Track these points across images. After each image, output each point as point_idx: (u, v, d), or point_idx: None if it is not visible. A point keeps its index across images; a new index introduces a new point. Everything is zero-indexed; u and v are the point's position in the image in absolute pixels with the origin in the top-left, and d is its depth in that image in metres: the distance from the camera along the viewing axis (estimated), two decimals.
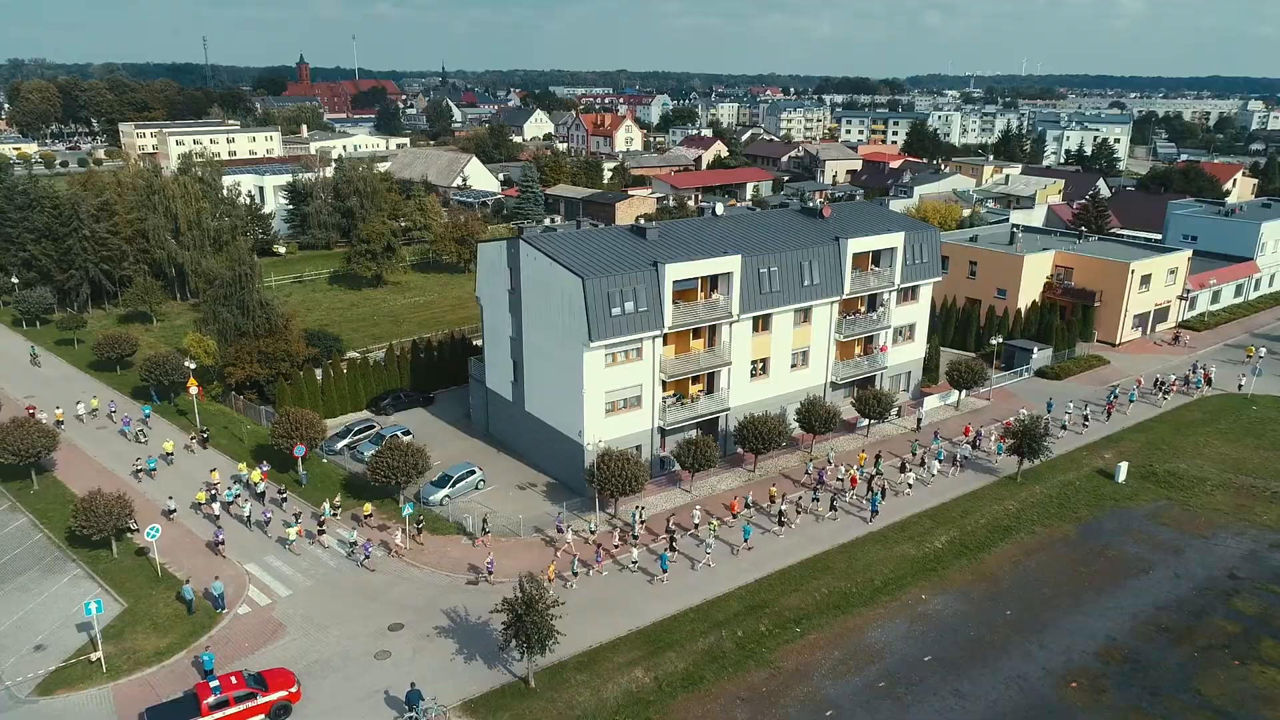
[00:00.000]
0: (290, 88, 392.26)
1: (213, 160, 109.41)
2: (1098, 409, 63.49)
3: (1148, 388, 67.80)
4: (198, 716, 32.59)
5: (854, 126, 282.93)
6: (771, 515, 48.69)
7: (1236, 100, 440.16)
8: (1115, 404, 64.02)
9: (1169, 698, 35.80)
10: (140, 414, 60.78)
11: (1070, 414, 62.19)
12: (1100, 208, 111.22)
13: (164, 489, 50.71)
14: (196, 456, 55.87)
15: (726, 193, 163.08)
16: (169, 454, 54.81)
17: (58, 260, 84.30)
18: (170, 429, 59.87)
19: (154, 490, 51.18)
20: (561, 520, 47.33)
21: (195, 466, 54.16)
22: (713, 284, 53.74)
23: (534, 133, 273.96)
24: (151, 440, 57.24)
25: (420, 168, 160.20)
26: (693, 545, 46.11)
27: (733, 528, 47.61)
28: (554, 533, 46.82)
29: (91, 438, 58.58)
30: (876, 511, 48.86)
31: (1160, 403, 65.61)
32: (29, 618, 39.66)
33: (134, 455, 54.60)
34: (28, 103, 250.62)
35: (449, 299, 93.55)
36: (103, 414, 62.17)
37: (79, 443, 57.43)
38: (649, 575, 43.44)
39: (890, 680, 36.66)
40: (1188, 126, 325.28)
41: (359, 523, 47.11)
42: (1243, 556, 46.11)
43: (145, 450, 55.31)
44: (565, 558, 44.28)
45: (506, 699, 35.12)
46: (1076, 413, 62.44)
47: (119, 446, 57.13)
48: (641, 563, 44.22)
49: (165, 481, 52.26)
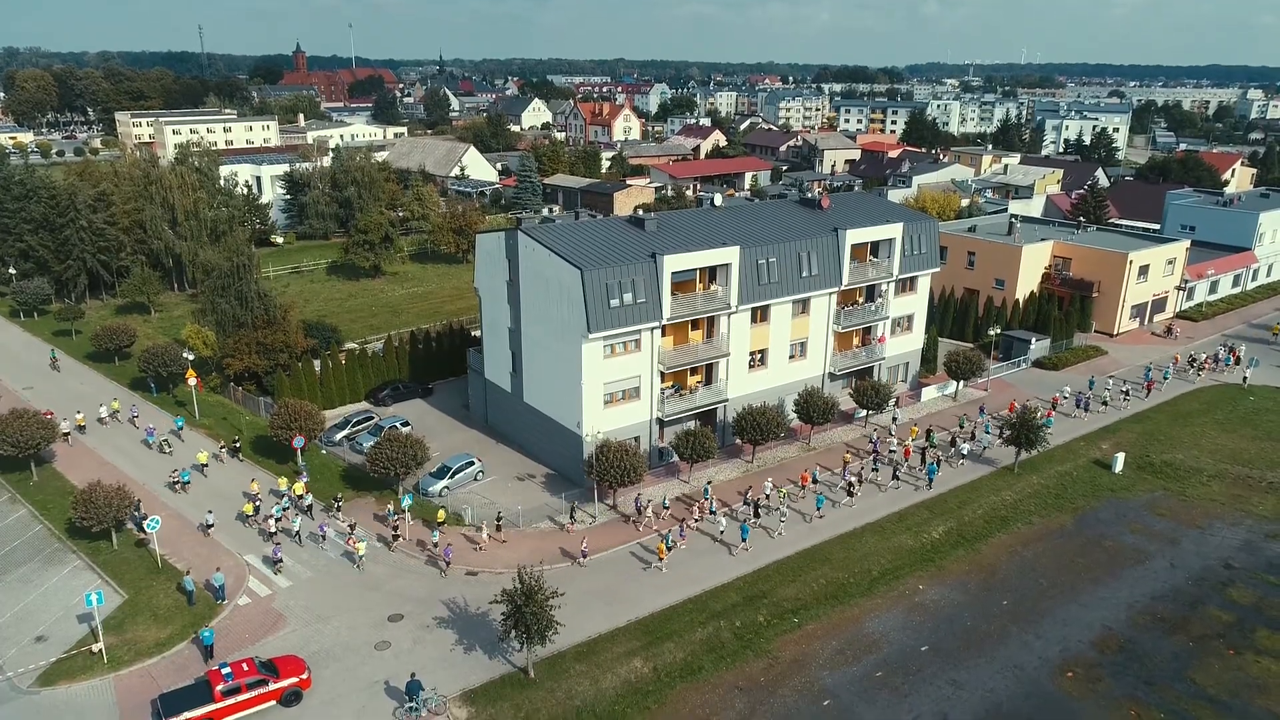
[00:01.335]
0: (287, 77, 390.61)
1: (209, 150, 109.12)
2: (1137, 386, 66.37)
3: (1183, 365, 70.78)
4: (210, 703, 32.81)
5: (853, 116, 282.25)
6: (840, 486, 50.99)
7: (1236, 89, 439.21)
8: (1153, 382, 66.45)
9: (1164, 687, 36.06)
10: (172, 425, 57.62)
11: (1110, 390, 64.40)
12: (1099, 198, 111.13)
13: (200, 502, 48.44)
14: (225, 466, 53.32)
15: (725, 182, 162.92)
16: (203, 465, 52.32)
17: (55, 251, 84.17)
18: (202, 439, 56.48)
19: (188, 504, 48.77)
20: (641, 501, 48.45)
21: (228, 477, 51.88)
22: (711, 275, 53.78)
23: (532, 122, 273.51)
24: (177, 451, 54.69)
25: (418, 157, 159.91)
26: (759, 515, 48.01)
27: (802, 498, 49.75)
28: (633, 513, 48.10)
29: (114, 445, 55.81)
30: (932, 481, 51.36)
31: (1194, 379, 68.58)
32: (30, 609, 39.81)
33: (155, 464, 52.68)
34: (23, 92, 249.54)
35: (447, 290, 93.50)
36: (124, 418, 59.67)
37: (101, 451, 54.94)
38: (729, 546, 45.21)
39: (887, 670, 36.90)
40: (1187, 116, 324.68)
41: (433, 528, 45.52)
42: (1238, 546, 46.35)
43: (171, 461, 52.95)
44: (658, 531, 46.04)
45: (506, 689, 35.33)
46: (1117, 389, 64.93)
47: (145, 458, 54.11)
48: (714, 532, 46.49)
49: (199, 495, 49.64)
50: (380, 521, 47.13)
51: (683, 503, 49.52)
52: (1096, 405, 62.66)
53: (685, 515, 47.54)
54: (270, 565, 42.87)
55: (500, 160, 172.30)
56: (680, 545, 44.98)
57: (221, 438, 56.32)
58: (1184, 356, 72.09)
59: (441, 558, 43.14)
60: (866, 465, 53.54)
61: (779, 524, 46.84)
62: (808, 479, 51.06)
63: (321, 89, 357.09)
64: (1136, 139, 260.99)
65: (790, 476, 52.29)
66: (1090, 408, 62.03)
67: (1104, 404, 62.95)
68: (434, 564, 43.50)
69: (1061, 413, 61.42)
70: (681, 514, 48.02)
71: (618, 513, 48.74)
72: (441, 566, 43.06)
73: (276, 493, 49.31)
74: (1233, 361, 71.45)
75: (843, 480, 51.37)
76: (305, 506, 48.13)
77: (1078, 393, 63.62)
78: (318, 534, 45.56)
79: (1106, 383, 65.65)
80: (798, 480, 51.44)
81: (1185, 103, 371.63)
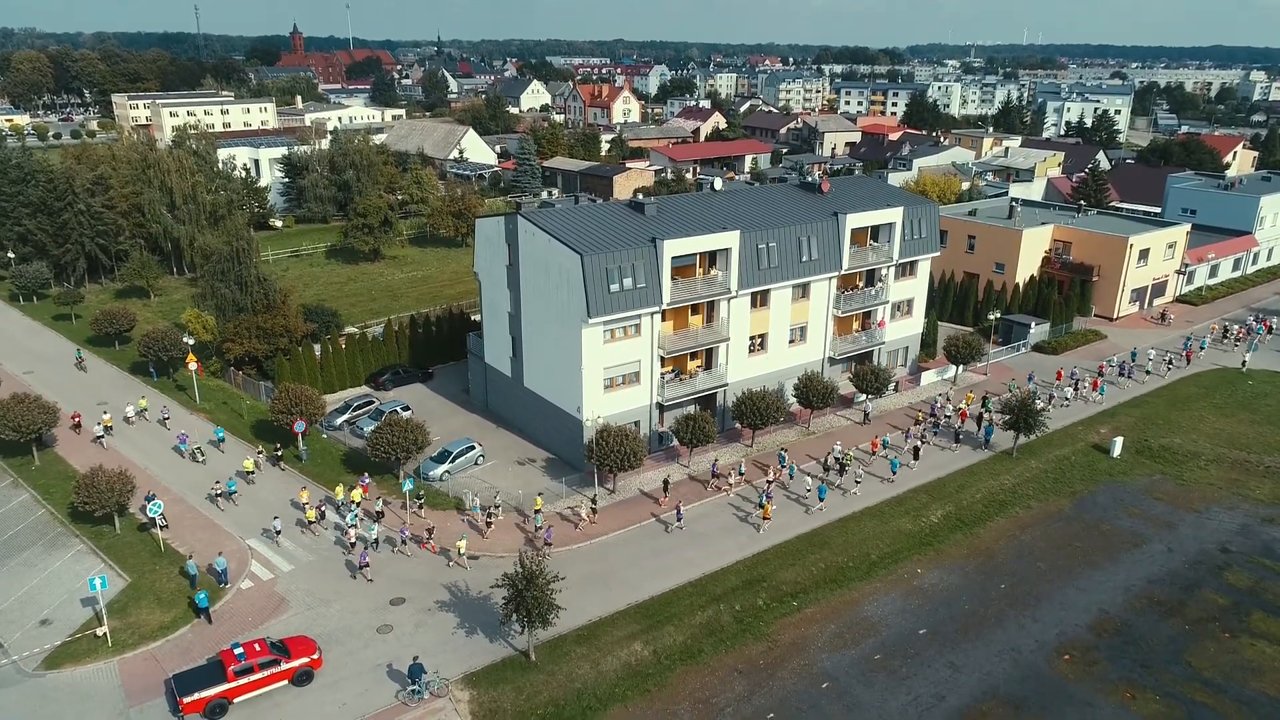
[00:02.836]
0: (284, 58, 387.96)
1: (207, 132, 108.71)
2: (1178, 356, 69.11)
3: (1218, 335, 74.67)
4: (224, 683, 33.14)
5: (853, 98, 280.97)
6: (906, 449, 53.39)
7: (1239, 70, 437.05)
8: (1191, 351, 69.42)
9: (1160, 670, 36.37)
10: (212, 435, 54.45)
11: (1153, 359, 67.99)
12: (1099, 181, 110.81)
13: (248, 514, 46.43)
14: (263, 474, 50.71)
15: (725, 165, 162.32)
16: (249, 473, 49.68)
17: (53, 235, 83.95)
18: (243, 447, 53.62)
19: (236, 516, 46.30)
20: (718, 466, 50.65)
21: (273, 487, 49.59)
22: (711, 260, 53.74)
23: (531, 104, 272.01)
24: (216, 461, 52.07)
25: (416, 140, 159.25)
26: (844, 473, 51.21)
27: (872, 464, 52.30)
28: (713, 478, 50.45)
29: (143, 450, 53.26)
30: (989, 442, 54.76)
31: (1231, 349, 71.96)
32: (34, 593, 40.05)
33: (188, 472, 50.61)
34: (19, 73, 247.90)
35: (446, 273, 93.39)
36: (152, 418, 57.29)
37: (131, 456, 52.04)
38: (805, 506, 47.85)
39: (886, 653, 37.21)
40: (1189, 97, 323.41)
41: (523, 516, 46.28)
42: (1235, 531, 46.60)
43: (205, 470, 50.60)
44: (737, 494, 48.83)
45: (508, 672, 35.63)
46: (1160, 358, 68.27)
47: (178, 465, 51.50)
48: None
49: (244, 506, 47.43)
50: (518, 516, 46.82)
51: (757, 467, 51.92)
52: (1140, 374, 66.10)
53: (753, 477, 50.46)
54: (354, 571, 41.67)
55: (499, 143, 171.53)
56: (771, 507, 46.59)
57: (261, 446, 53.36)
58: (1220, 326, 76.03)
59: (543, 539, 43.61)
60: (928, 429, 56.33)
61: (854, 484, 49.45)
62: (878, 445, 53.82)
63: (319, 70, 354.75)
64: (1138, 121, 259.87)
65: (860, 444, 55.12)
66: (1134, 376, 65.75)
67: (1146, 373, 66.28)
68: (445, 552, 43.68)
69: (1107, 380, 64.21)
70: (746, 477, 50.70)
71: (647, 492, 49.14)
72: (540, 547, 43.29)
73: (332, 500, 47.37)
74: (1264, 331, 75.31)
75: (906, 444, 53.97)
76: (377, 513, 46.06)
77: (1122, 362, 67.10)
78: (395, 538, 43.95)
79: (1149, 352, 68.90)
80: (868, 447, 54.23)
81: (1187, 84, 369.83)
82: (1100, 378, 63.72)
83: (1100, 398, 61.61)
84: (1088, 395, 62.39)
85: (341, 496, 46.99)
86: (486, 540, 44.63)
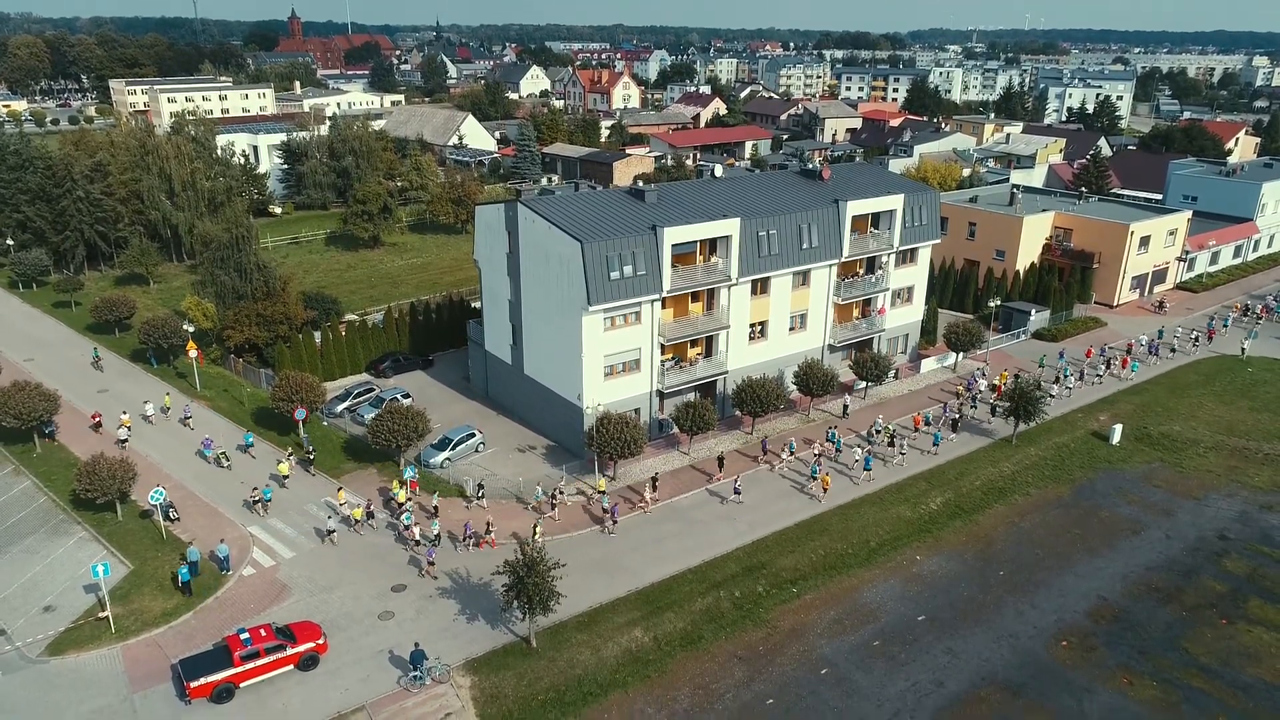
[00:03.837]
0: (282, 43, 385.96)
1: (205, 118, 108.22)
2: (1202, 334, 71.58)
3: (1240, 313, 76.90)
4: (230, 667, 33.40)
5: (854, 84, 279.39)
6: (945, 423, 55.48)
7: (1241, 56, 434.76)
8: (1214, 330, 71.50)
9: (1157, 656, 36.58)
10: (241, 440, 52.21)
11: (1180, 336, 70.15)
12: (1101, 168, 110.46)
13: (285, 517, 45.29)
14: (293, 477, 49.00)
15: (725, 151, 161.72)
16: (285, 477, 48.27)
17: (52, 222, 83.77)
18: (274, 451, 51.78)
19: (271, 522, 44.88)
20: (768, 443, 52.47)
21: (308, 490, 48.08)
22: (711, 247, 53.65)
23: (530, 90, 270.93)
24: (246, 468, 49.81)
25: (415, 126, 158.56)
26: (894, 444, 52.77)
27: (916, 438, 54.21)
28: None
29: (166, 451, 51.59)
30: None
31: (1254, 327, 73.34)
32: (37, 580, 40.21)
33: (215, 477, 48.93)
34: (16, 58, 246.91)
35: (446, 260, 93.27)
36: (174, 417, 55.79)
37: (153, 458, 50.44)
38: (851, 477, 49.60)
39: (884, 639, 37.41)
40: (1191, 83, 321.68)
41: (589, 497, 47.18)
42: (1233, 517, 46.76)
43: (230, 476, 48.91)
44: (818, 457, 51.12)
45: (509, 658, 35.84)
46: (1186, 336, 70.50)
47: (204, 470, 49.63)
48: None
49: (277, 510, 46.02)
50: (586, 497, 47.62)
51: (806, 443, 53.60)
52: (1165, 351, 68.20)
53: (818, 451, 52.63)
54: (421, 568, 41.25)
55: (498, 129, 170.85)
56: (822, 474, 48.48)
57: (291, 447, 51.58)
58: (1242, 305, 78.38)
59: (609, 516, 44.61)
60: (966, 404, 58.43)
61: (899, 455, 51.26)
62: (920, 420, 55.61)
63: (317, 56, 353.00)
64: (1140, 107, 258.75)
65: (902, 421, 56.69)
66: (1160, 354, 67.72)
67: (1172, 350, 68.42)
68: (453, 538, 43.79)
69: (1135, 357, 66.20)
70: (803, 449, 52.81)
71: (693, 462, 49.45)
72: (608, 525, 44.62)
73: (389, 496, 46.70)
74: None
75: (944, 416, 56.25)
76: (433, 508, 45.30)
77: (1150, 340, 68.75)
78: (466, 536, 43.03)
79: (1176, 330, 71.56)
80: (910, 422, 56.22)
81: (1190, 70, 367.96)
82: (1127, 354, 65.99)
83: (1133, 374, 63.84)
84: (1119, 373, 64.13)
85: (402, 495, 45.58)
86: (558, 522, 45.23)
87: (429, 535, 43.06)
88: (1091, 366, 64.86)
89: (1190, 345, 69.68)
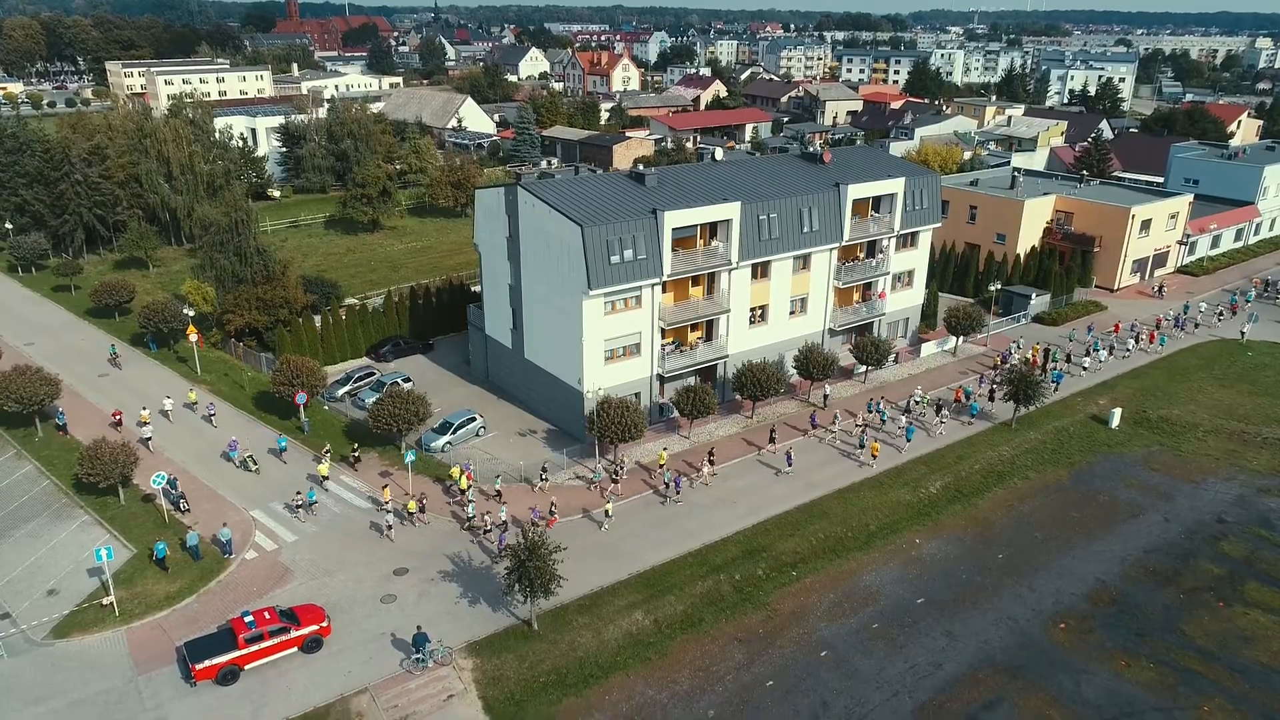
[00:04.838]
0: (279, 25, 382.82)
1: (203, 101, 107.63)
2: (1225, 309, 73.25)
3: (1261, 289, 79.46)
4: (234, 650, 33.64)
5: (855, 65, 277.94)
6: (983, 393, 57.62)
7: (1245, 37, 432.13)
8: (1237, 305, 74.00)
9: (1154, 638, 36.83)
10: (274, 444, 50.15)
11: (1204, 312, 72.45)
12: (1102, 151, 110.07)
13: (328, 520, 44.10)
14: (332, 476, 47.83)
15: (725, 134, 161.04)
16: (325, 478, 47.03)
17: (51, 205, 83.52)
18: (306, 452, 50.11)
19: (314, 529, 43.33)
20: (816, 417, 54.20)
21: (345, 495, 46.44)
22: (712, 231, 53.54)
23: (529, 72, 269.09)
24: (268, 470, 48.26)
25: (414, 109, 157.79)
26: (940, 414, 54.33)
27: (955, 408, 56.00)
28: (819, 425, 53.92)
29: (190, 451, 50.04)
30: (1058, 385, 58.42)
31: (1276, 303, 76.75)
32: (40, 563, 40.40)
33: (242, 481, 47.32)
34: (11, 40, 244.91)
35: (446, 244, 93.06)
36: (199, 414, 54.36)
37: (179, 460, 48.86)
38: (896, 446, 51.30)
39: (884, 622, 37.65)
40: (1194, 65, 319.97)
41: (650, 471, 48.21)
42: (1231, 501, 46.94)
43: (257, 480, 47.39)
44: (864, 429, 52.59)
45: (510, 641, 36.07)
46: (1211, 312, 72.47)
47: (231, 474, 47.87)
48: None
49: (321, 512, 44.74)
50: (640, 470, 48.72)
51: (850, 415, 55.24)
52: (1190, 327, 70.15)
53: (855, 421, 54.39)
54: (493, 556, 41.14)
55: (497, 111, 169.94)
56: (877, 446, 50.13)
57: (330, 446, 49.55)
58: (1262, 280, 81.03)
59: (673, 490, 45.65)
60: (1001, 375, 58.00)
61: (938, 426, 53.09)
62: (961, 394, 57.13)
63: (315, 37, 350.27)
64: (1142, 89, 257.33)
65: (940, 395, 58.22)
66: (1187, 329, 69.77)
67: (1195, 326, 70.31)
68: (454, 518, 43.92)
69: (1164, 332, 68.06)
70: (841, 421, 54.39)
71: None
72: (673, 495, 45.72)
73: (449, 486, 46.46)
74: None
75: (980, 389, 58.24)
76: (496, 492, 45.10)
77: (1177, 315, 71.24)
78: (522, 520, 42.89)
79: (1200, 305, 73.50)
80: (951, 396, 57.79)
81: (1193, 51, 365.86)
82: (1155, 330, 67.48)
83: (1161, 348, 65.72)
84: (1147, 347, 65.79)
85: (465, 485, 45.22)
86: (622, 493, 46.52)
87: (497, 522, 43.01)
88: (1120, 341, 66.48)
89: (1216, 320, 71.36)
